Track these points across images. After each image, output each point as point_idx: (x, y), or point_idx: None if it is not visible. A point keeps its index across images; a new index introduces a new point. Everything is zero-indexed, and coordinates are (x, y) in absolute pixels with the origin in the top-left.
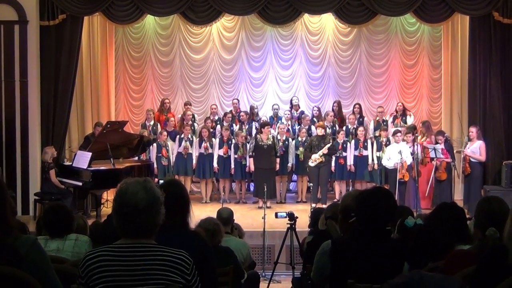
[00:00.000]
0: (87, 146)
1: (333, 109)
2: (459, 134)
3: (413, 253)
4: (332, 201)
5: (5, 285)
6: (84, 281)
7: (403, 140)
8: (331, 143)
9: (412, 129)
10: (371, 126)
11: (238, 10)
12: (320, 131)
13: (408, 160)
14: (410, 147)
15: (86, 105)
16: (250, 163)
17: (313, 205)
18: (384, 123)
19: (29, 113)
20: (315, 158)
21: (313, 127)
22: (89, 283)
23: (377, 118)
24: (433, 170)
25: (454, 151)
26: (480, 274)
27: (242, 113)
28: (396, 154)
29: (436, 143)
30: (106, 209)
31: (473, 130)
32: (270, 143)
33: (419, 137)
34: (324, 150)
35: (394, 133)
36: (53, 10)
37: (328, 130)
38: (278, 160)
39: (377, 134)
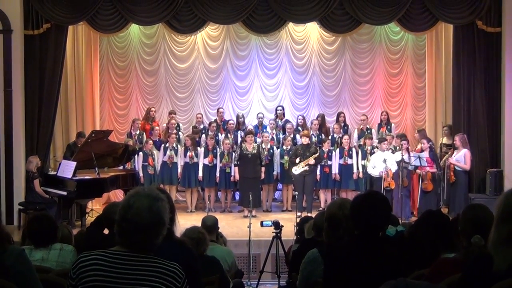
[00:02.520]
0: (70, 155)
1: (316, 118)
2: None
3: (398, 261)
4: (317, 210)
5: None
6: (75, 283)
7: (390, 148)
8: (318, 153)
9: (404, 137)
10: (355, 135)
11: (223, 19)
12: (305, 140)
13: (393, 168)
14: (403, 155)
15: (70, 114)
16: (235, 172)
17: (299, 213)
18: (368, 131)
19: (14, 122)
20: (300, 165)
21: (297, 136)
22: (78, 286)
23: (361, 127)
24: (419, 180)
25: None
26: (465, 282)
27: (230, 122)
28: (381, 163)
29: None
30: (91, 219)
31: (457, 138)
32: (255, 152)
33: (419, 145)
34: (311, 161)
35: (380, 141)
36: (37, 19)
37: (314, 139)
38: (263, 169)
39: (361, 142)
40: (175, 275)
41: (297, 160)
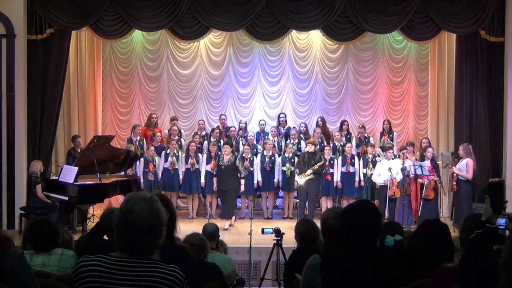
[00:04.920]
0: (72, 161)
1: (317, 125)
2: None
3: (398, 270)
4: (319, 218)
5: None
6: (76, 285)
7: (400, 155)
8: (322, 162)
9: (412, 145)
10: (353, 144)
11: (226, 26)
12: (310, 148)
13: (398, 177)
14: (404, 163)
15: (73, 119)
16: (214, 182)
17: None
18: (366, 140)
19: (16, 127)
20: (305, 174)
21: (302, 143)
22: None
23: (359, 136)
24: (421, 188)
25: (440, 167)
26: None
27: (232, 129)
28: (386, 171)
29: (422, 158)
30: (92, 224)
31: (461, 148)
32: (230, 163)
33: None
34: (315, 168)
35: (385, 150)
36: (40, 24)
37: (317, 147)
38: (243, 181)
39: (359, 151)
40: (175, 278)
41: (307, 172)
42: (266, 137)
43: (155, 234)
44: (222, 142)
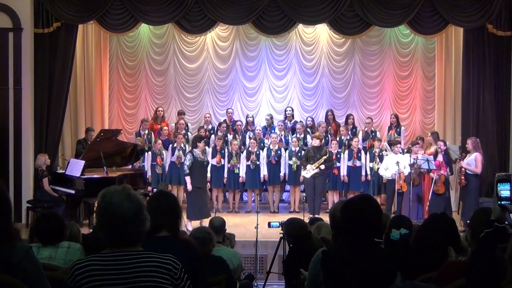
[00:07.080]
0: (82, 148)
1: (327, 118)
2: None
3: (405, 264)
4: (325, 212)
5: None
6: None
7: (407, 150)
8: (327, 156)
9: (422, 139)
10: (360, 137)
11: (233, 19)
12: (315, 142)
13: (406, 171)
14: (414, 158)
15: (79, 113)
16: (187, 182)
17: (310, 216)
18: (373, 134)
19: (23, 121)
20: (311, 168)
21: (308, 137)
22: None
23: (366, 129)
24: (432, 183)
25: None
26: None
27: (238, 123)
28: (394, 165)
29: (437, 152)
30: None
31: (469, 142)
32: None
33: (432, 148)
34: (321, 166)
35: (393, 144)
36: (47, 18)
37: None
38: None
39: (365, 145)
40: (171, 267)
41: (308, 166)
42: (273, 131)
43: (140, 219)
44: (229, 136)
